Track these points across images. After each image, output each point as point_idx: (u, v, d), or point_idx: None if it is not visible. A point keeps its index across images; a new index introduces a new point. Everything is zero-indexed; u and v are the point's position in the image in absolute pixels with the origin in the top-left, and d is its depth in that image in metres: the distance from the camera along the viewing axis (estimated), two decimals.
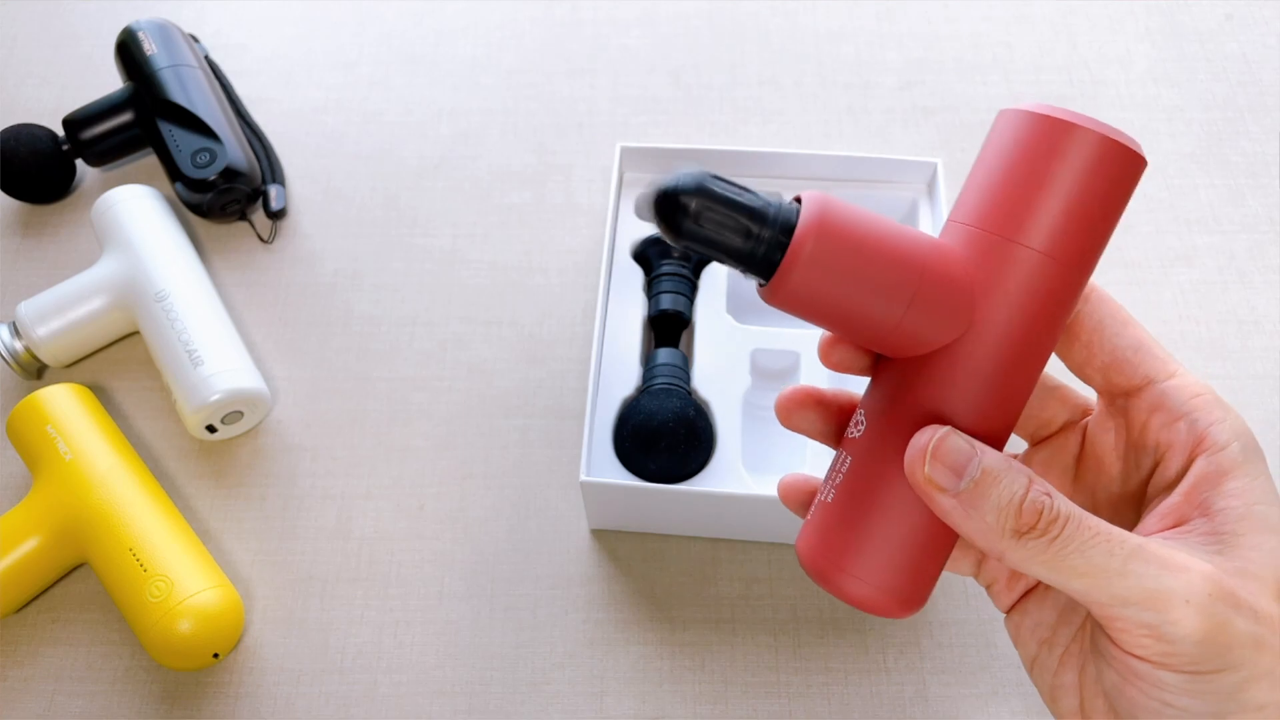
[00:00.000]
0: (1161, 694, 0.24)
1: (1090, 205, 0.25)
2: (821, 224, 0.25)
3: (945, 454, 0.25)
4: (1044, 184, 0.25)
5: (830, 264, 0.25)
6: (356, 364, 0.55)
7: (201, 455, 0.52)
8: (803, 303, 0.26)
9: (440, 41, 0.68)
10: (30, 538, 0.45)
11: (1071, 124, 0.25)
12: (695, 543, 0.49)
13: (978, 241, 0.26)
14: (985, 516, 0.24)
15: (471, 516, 0.50)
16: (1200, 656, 0.23)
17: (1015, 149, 0.26)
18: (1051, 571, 0.24)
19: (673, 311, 0.50)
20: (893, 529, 0.27)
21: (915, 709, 0.45)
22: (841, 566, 0.27)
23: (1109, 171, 0.25)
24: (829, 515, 0.28)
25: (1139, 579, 0.23)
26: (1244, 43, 0.67)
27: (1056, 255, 0.25)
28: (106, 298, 0.53)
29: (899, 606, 0.27)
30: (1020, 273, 0.25)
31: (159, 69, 0.58)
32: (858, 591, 0.27)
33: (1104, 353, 0.28)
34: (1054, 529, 0.24)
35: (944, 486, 0.25)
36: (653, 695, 0.45)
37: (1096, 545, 0.24)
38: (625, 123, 0.64)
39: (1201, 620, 0.23)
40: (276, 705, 0.45)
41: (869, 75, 0.66)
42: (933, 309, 0.25)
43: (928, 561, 0.27)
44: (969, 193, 0.27)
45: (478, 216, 0.60)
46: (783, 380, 0.51)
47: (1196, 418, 0.27)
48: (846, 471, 0.28)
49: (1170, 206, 0.60)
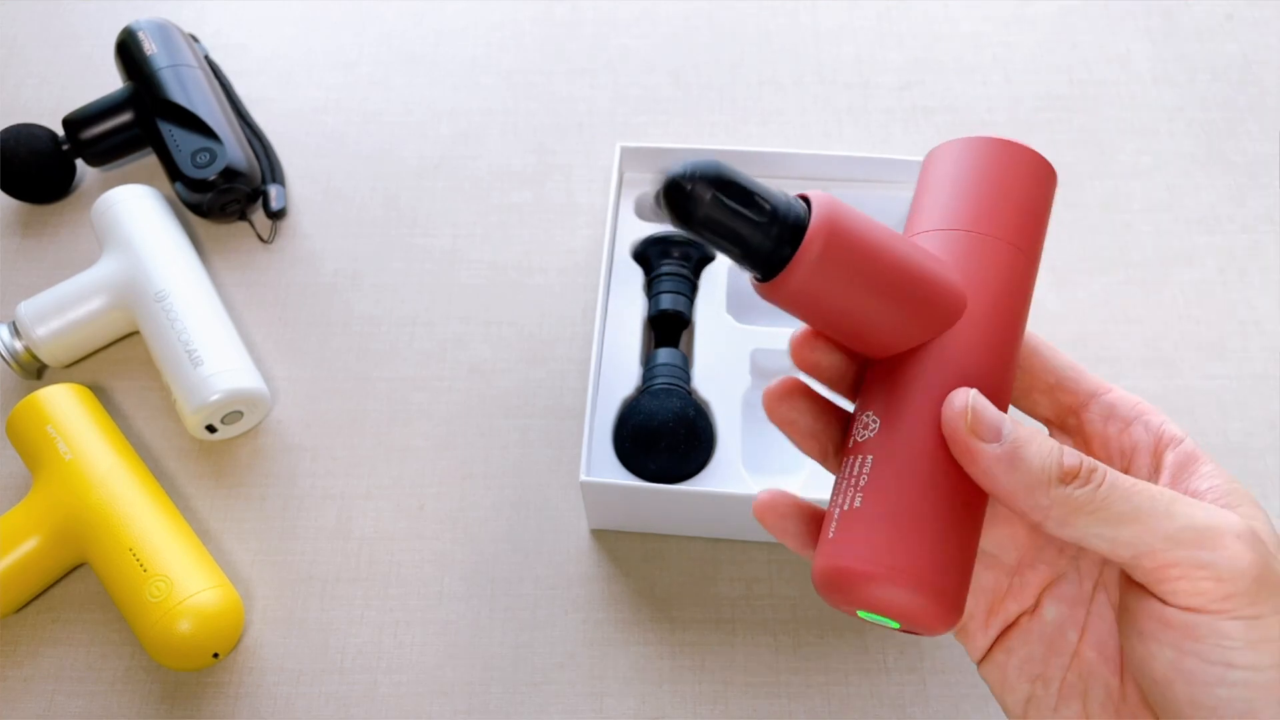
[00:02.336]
0: (1224, 653, 0.23)
1: (1030, 202, 0.29)
2: (831, 227, 0.25)
3: (984, 413, 0.25)
4: (992, 186, 0.29)
5: (837, 266, 0.26)
6: (356, 364, 0.55)
7: (201, 455, 0.52)
8: (803, 302, 0.26)
9: (440, 41, 0.68)
10: (30, 538, 0.45)
11: (1010, 141, 0.29)
12: (695, 543, 0.49)
13: (949, 240, 0.28)
14: (1032, 465, 0.24)
15: (471, 516, 0.50)
16: (1257, 594, 0.23)
17: (959, 165, 0.29)
18: (1098, 522, 0.24)
19: (673, 311, 0.50)
20: (938, 517, 0.26)
21: (915, 709, 0.45)
22: (888, 567, 0.25)
23: (1037, 175, 0.29)
24: (862, 519, 0.26)
25: (1189, 518, 0.24)
26: (1244, 43, 0.67)
27: (1014, 242, 0.28)
28: (106, 298, 0.53)
29: (949, 612, 0.25)
30: (994, 259, 0.28)
31: (159, 69, 0.58)
32: (907, 600, 0.25)
33: (1047, 374, 0.30)
34: (1097, 477, 0.24)
35: (990, 439, 0.25)
36: (653, 695, 0.45)
37: (1140, 493, 0.24)
38: (625, 123, 0.64)
39: (1253, 554, 0.23)
40: (276, 705, 0.45)
41: (869, 75, 0.66)
42: (933, 306, 0.27)
43: (968, 557, 0.26)
44: (922, 209, 0.29)
45: (478, 216, 0.60)
46: None
47: (1148, 420, 0.28)
48: (871, 471, 0.26)
49: (1170, 206, 0.60)
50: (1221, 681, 0.23)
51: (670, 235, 0.52)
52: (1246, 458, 0.51)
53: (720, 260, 0.52)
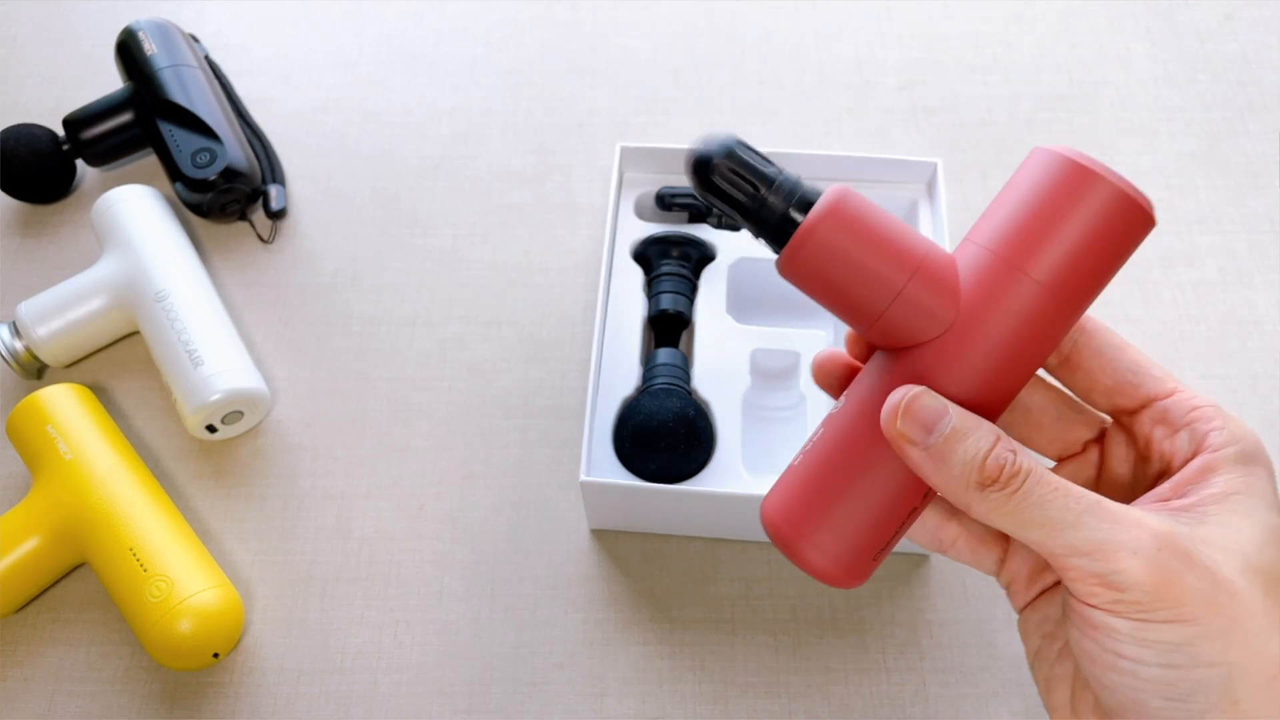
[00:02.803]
0: (1114, 644, 0.25)
1: (1094, 249, 0.27)
2: (836, 208, 0.28)
3: (917, 411, 0.27)
4: (1055, 223, 0.27)
5: (836, 245, 0.28)
6: (356, 364, 0.55)
7: (201, 455, 0.52)
8: (808, 277, 0.28)
9: (440, 41, 0.68)
10: (30, 538, 0.45)
11: (1093, 171, 0.27)
12: (695, 543, 0.49)
13: (984, 260, 0.28)
14: (952, 469, 0.26)
15: (471, 516, 0.50)
16: (1149, 604, 0.25)
17: (1036, 185, 0.28)
18: (1011, 522, 0.26)
19: (673, 311, 0.50)
20: (849, 500, 0.29)
21: (915, 709, 0.45)
22: (799, 531, 0.29)
23: (1117, 222, 0.27)
24: (794, 479, 0.30)
25: (1091, 531, 0.25)
26: (1244, 43, 0.67)
27: (1051, 287, 0.27)
28: (106, 298, 0.53)
29: (845, 578, 0.29)
30: (1013, 295, 0.27)
31: (159, 69, 0.58)
32: (812, 560, 0.29)
33: (1105, 378, 0.30)
34: (1014, 483, 0.26)
35: (914, 439, 0.27)
36: (653, 695, 0.45)
37: (1054, 500, 0.26)
38: (625, 123, 0.64)
39: (1149, 570, 0.24)
40: (276, 705, 0.45)
41: (869, 75, 0.66)
42: (917, 305, 0.28)
43: (877, 537, 0.29)
44: (987, 218, 0.29)
45: (478, 216, 0.60)
46: (783, 380, 0.51)
47: (1196, 427, 0.28)
48: (818, 440, 0.30)
49: (1170, 206, 0.60)
50: (1112, 668, 0.26)
51: (670, 235, 0.52)
52: None
53: (720, 260, 0.52)
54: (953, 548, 0.32)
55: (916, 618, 0.47)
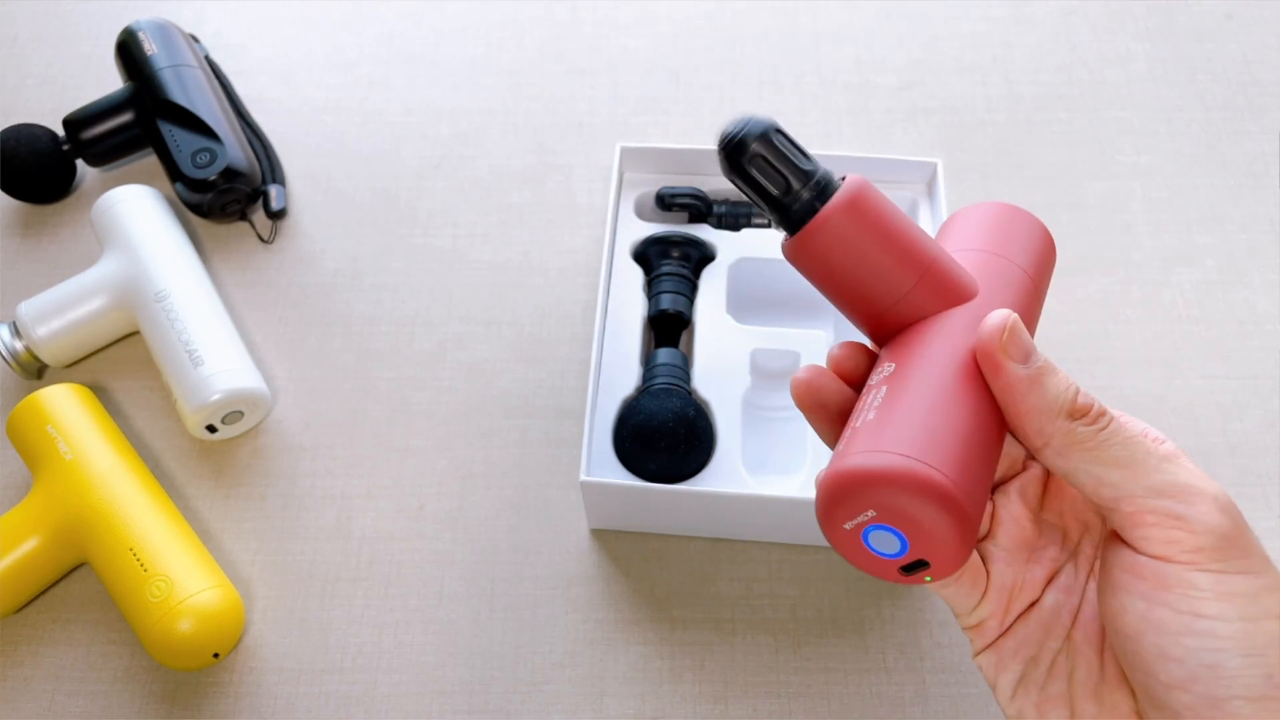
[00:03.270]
0: (1192, 602, 0.25)
1: (1041, 253, 0.33)
2: (853, 200, 0.29)
3: (1020, 333, 0.27)
4: (1014, 228, 0.33)
5: (850, 236, 0.29)
6: (356, 364, 0.55)
7: (201, 455, 0.52)
8: (818, 265, 0.30)
9: (440, 41, 0.68)
10: (30, 538, 0.45)
11: (1016, 208, 0.34)
12: (695, 543, 0.49)
13: (964, 256, 0.32)
14: (1047, 392, 0.27)
15: (471, 516, 0.50)
16: (1227, 551, 0.25)
17: (972, 215, 0.34)
18: (1093, 460, 0.26)
19: (673, 311, 0.50)
20: (962, 430, 0.26)
21: (915, 709, 0.45)
22: (909, 460, 0.24)
23: (1040, 234, 0.33)
24: (877, 425, 0.26)
25: (1173, 475, 0.26)
26: (1244, 43, 0.67)
27: (1028, 269, 0.32)
28: (106, 298, 0.53)
29: (965, 537, 0.25)
30: (1008, 274, 0.31)
31: (159, 69, 0.58)
32: (935, 479, 0.24)
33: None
34: (1102, 421, 0.27)
35: (1018, 359, 0.27)
36: (653, 695, 0.45)
37: (1137, 443, 0.26)
38: (625, 123, 0.64)
39: (1226, 518, 0.25)
40: (276, 705, 0.45)
41: (869, 75, 0.66)
42: (944, 279, 0.29)
43: (986, 487, 0.26)
44: (957, 235, 0.33)
45: (478, 216, 0.60)
46: (783, 380, 0.51)
47: None
48: (885, 395, 0.27)
49: (1170, 206, 0.60)
50: (1189, 630, 0.25)
51: (670, 235, 0.52)
52: (1246, 458, 0.51)
53: (720, 260, 0.52)
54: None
55: (916, 618, 0.47)
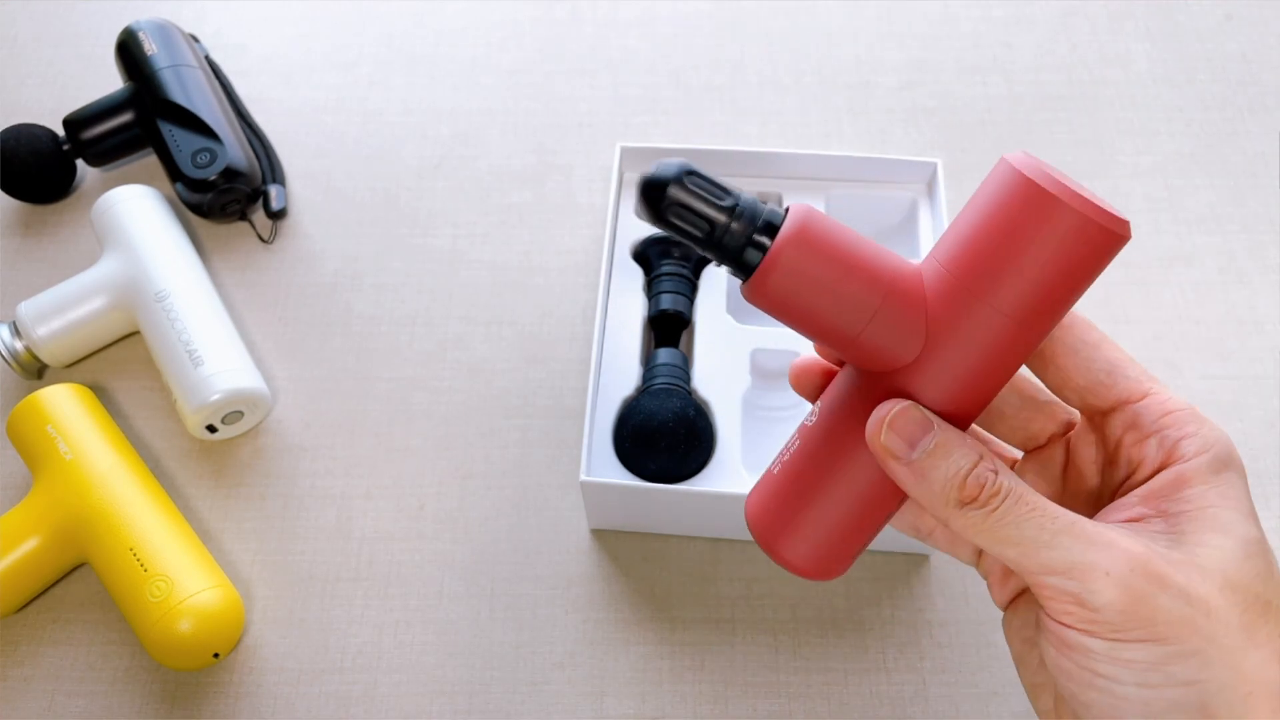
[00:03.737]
0: (1089, 662, 0.25)
1: (1058, 278, 0.26)
2: (802, 232, 0.27)
3: (902, 425, 0.27)
4: (1017, 252, 0.26)
5: (805, 270, 0.27)
6: (356, 364, 0.55)
7: (201, 455, 0.52)
8: (777, 304, 0.28)
9: (440, 41, 0.68)
10: (30, 538, 0.45)
11: (1055, 198, 0.25)
12: (695, 543, 0.49)
13: (947, 286, 0.27)
14: (933, 486, 0.27)
15: (471, 516, 0.50)
16: (1122, 624, 0.25)
17: (998, 208, 0.26)
18: (988, 540, 0.26)
19: (673, 311, 0.50)
20: (822, 508, 0.30)
21: (915, 709, 0.45)
22: (776, 534, 0.31)
23: (1083, 249, 0.25)
24: (772, 486, 0.31)
25: (1065, 551, 0.25)
26: (1244, 43, 0.67)
27: (1014, 317, 0.26)
28: (106, 298, 0.53)
29: (819, 573, 0.31)
30: (975, 324, 0.27)
31: (159, 69, 0.58)
32: (788, 559, 0.31)
33: (1079, 376, 0.29)
34: (994, 502, 0.26)
35: (898, 455, 0.27)
36: (653, 695, 0.45)
37: (1031, 519, 0.26)
38: (625, 123, 0.64)
39: (1121, 591, 0.25)
40: (276, 705, 0.45)
41: (869, 75, 0.66)
42: (890, 328, 0.27)
43: (851, 540, 0.30)
44: (951, 234, 0.28)
45: (478, 216, 0.60)
46: (783, 380, 0.51)
47: (1167, 434, 0.28)
48: (794, 451, 0.31)
49: (1170, 206, 0.60)
50: (1090, 685, 0.26)
51: (670, 235, 0.52)
52: (1246, 458, 0.51)
53: None
54: (930, 536, 0.32)
55: (916, 618, 0.47)
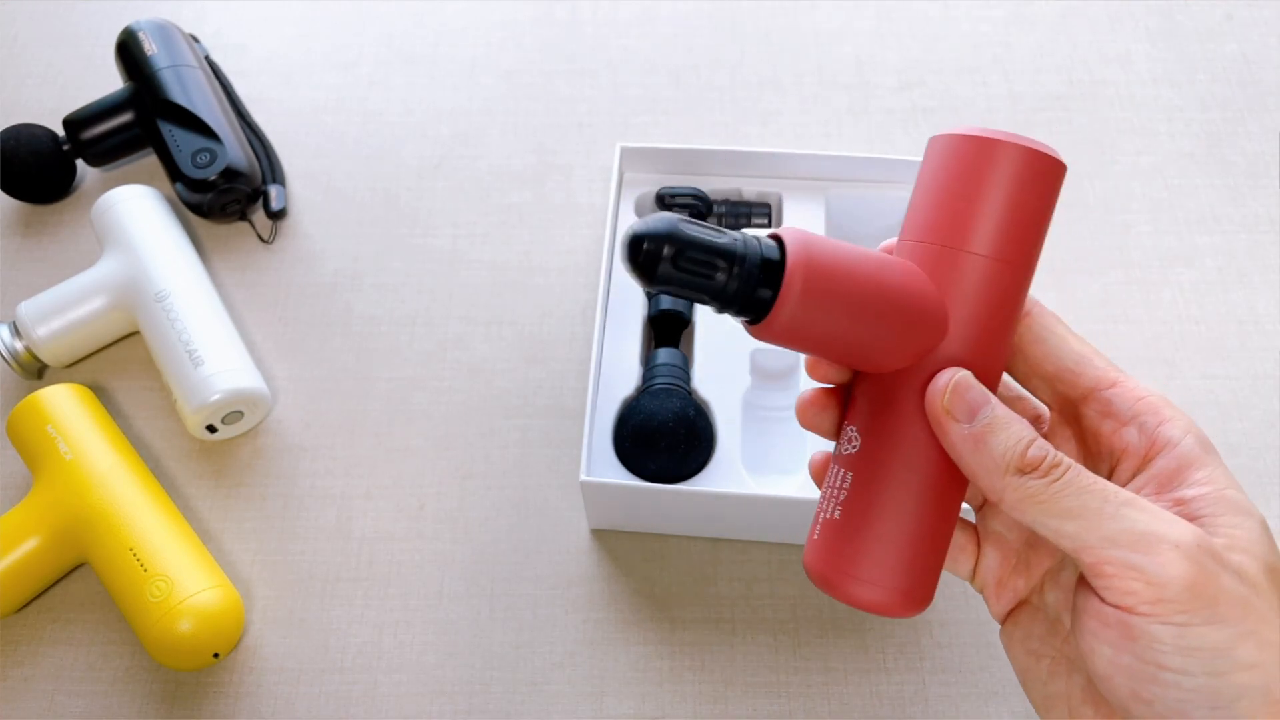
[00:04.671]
0: (1155, 655, 0.24)
1: (1022, 210, 0.28)
2: (808, 262, 0.26)
3: (963, 392, 0.27)
4: (979, 195, 0.28)
5: (820, 299, 0.27)
6: (356, 364, 0.55)
7: (201, 455, 0.52)
8: (795, 336, 0.27)
9: (440, 41, 0.68)
10: (30, 538, 0.45)
11: (994, 140, 0.27)
12: (695, 543, 0.49)
13: (929, 254, 0.28)
14: (993, 451, 0.26)
15: (471, 516, 0.50)
16: (1189, 603, 0.24)
17: (949, 168, 0.28)
18: (1046, 513, 0.26)
19: (673, 311, 0.50)
20: (903, 534, 0.28)
21: (915, 709, 0.45)
22: (855, 576, 0.29)
23: (1034, 178, 0.28)
24: (839, 531, 0.29)
25: (1131, 522, 0.25)
26: (1244, 43, 0.67)
27: (998, 255, 0.28)
28: (106, 298, 0.53)
29: (912, 606, 0.29)
30: (970, 276, 0.28)
31: (159, 69, 0.58)
32: (873, 597, 0.28)
33: (1047, 365, 0.30)
34: (1055, 472, 0.26)
35: (959, 418, 0.27)
36: (653, 695, 0.45)
37: (1092, 492, 0.25)
38: (625, 123, 0.64)
39: (1189, 566, 0.24)
40: (276, 705, 0.45)
41: (869, 75, 0.66)
42: (917, 326, 0.27)
43: (934, 560, 0.29)
44: (914, 213, 0.29)
45: (478, 216, 0.60)
46: (783, 380, 0.51)
47: (1144, 420, 0.28)
48: (850, 487, 0.29)
49: (1170, 206, 0.60)
50: (1155, 680, 0.24)
51: None
52: (1246, 457, 0.51)
53: None
54: None
55: (917, 618, 0.47)
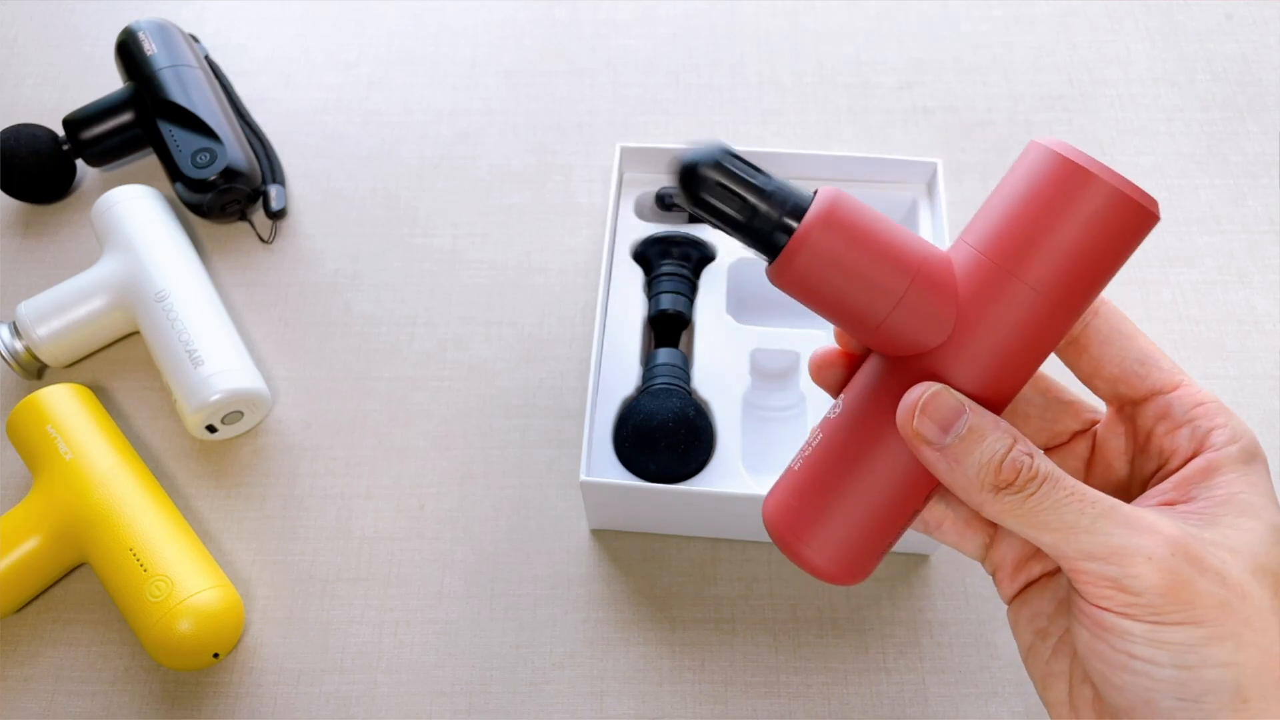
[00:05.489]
0: (1126, 645, 0.25)
1: (1092, 252, 0.26)
2: (830, 214, 0.27)
3: (934, 409, 0.26)
4: (1050, 226, 0.26)
5: (831, 253, 0.27)
6: (356, 364, 0.55)
7: (201, 455, 0.52)
8: (802, 286, 0.27)
9: (440, 41, 0.68)
10: (30, 538, 0.45)
11: (1089, 172, 0.26)
12: (695, 543, 0.49)
13: (978, 266, 0.27)
14: (968, 470, 0.26)
15: (471, 516, 0.50)
16: (1162, 607, 0.25)
17: (1031, 186, 0.26)
18: (1025, 526, 0.26)
19: (673, 311, 0.50)
20: (850, 504, 0.29)
21: (915, 709, 0.45)
22: (800, 535, 0.29)
23: (1117, 224, 0.26)
24: (794, 483, 0.30)
25: (1105, 536, 0.25)
26: (1244, 43, 0.67)
27: (1048, 293, 0.26)
28: (106, 298, 0.53)
29: (846, 577, 0.30)
30: (1009, 303, 0.26)
31: (159, 69, 0.58)
32: (812, 560, 0.29)
33: (1111, 366, 0.30)
34: (1031, 486, 0.26)
35: (930, 440, 0.26)
36: (653, 695, 0.45)
37: (1069, 504, 0.25)
38: (625, 123, 0.64)
39: (1162, 575, 0.24)
40: (276, 705, 0.45)
41: (869, 75, 0.66)
42: (917, 313, 0.27)
43: (878, 538, 0.29)
44: (982, 217, 0.28)
45: (478, 216, 0.60)
46: (783, 380, 0.51)
47: (1199, 424, 0.28)
48: (816, 446, 0.30)
49: (1170, 206, 0.60)
50: (1125, 668, 0.25)
51: (670, 235, 0.52)
52: None
53: (720, 260, 0.52)
54: (939, 529, 0.32)
55: (916, 618, 0.47)
